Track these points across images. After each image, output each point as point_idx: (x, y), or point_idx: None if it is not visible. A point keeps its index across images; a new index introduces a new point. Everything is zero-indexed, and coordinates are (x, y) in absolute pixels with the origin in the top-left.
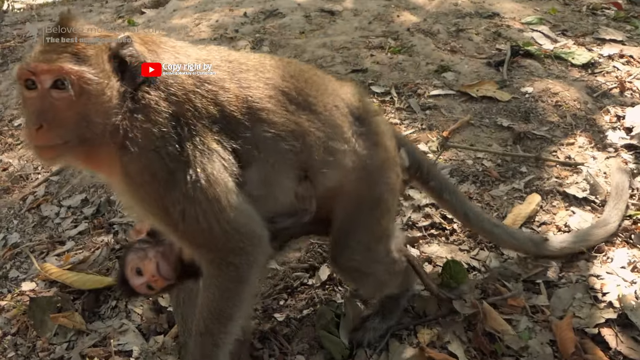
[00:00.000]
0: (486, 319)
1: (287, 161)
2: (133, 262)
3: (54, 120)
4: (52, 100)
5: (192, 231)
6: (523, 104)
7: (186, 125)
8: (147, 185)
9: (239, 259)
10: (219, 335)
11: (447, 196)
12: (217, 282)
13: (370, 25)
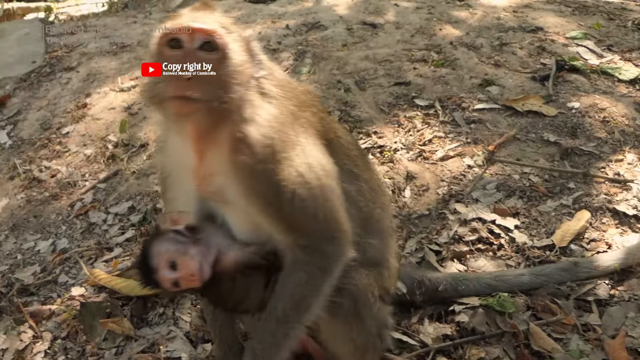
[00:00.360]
0: (534, 338)
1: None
2: (169, 254)
3: (203, 75)
4: (200, 59)
5: (297, 213)
6: (570, 119)
7: (299, 123)
8: (263, 162)
9: (331, 248)
10: (292, 324)
11: (462, 285)
12: (306, 268)
13: (412, 38)
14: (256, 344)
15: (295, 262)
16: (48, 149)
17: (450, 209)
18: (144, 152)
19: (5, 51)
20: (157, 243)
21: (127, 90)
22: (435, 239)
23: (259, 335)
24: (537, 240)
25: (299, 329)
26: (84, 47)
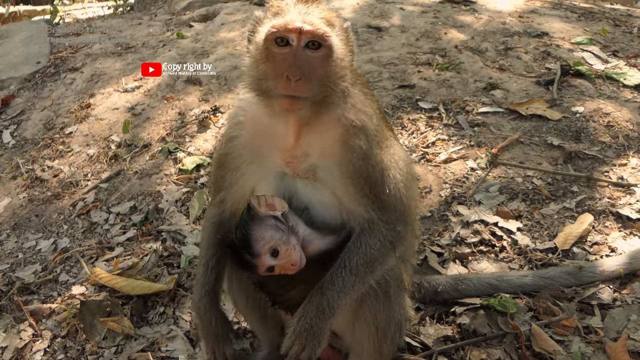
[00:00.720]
0: (535, 339)
1: None
2: (274, 241)
3: (310, 74)
4: (307, 57)
5: (385, 195)
6: (574, 123)
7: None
8: (372, 145)
9: (402, 229)
10: (360, 278)
11: (462, 284)
12: (381, 237)
13: (417, 41)
14: (327, 286)
15: (372, 230)
16: (51, 148)
17: (452, 210)
18: (146, 153)
19: (11, 52)
20: (259, 227)
21: (130, 91)
22: (437, 241)
23: (329, 279)
24: (539, 243)
25: (362, 285)
26: (89, 48)
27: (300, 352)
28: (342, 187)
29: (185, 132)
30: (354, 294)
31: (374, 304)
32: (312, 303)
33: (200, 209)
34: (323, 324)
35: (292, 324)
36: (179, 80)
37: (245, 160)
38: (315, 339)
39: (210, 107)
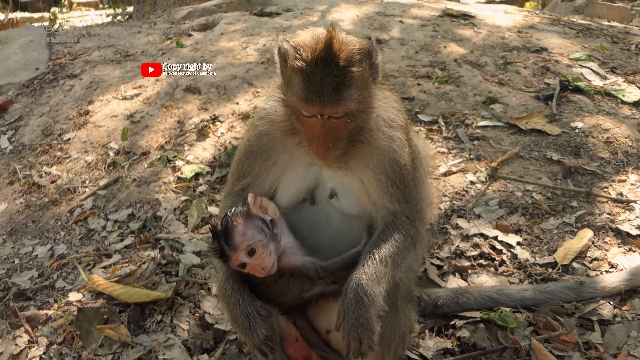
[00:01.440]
0: (535, 354)
1: None
2: (253, 241)
3: (336, 139)
4: (332, 125)
5: (410, 189)
6: (573, 138)
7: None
8: (394, 147)
9: (420, 226)
10: (389, 268)
11: (463, 298)
12: (404, 232)
13: (417, 54)
14: (359, 276)
15: (395, 225)
16: (49, 154)
17: (452, 224)
18: (145, 160)
19: (9, 57)
20: (246, 223)
21: (129, 99)
22: (436, 254)
23: (361, 270)
24: (539, 258)
25: (390, 277)
26: (88, 55)
27: (359, 346)
28: (372, 177)
29: (184, 141)
30: (384, 284)
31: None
32: (349, 297)
33: (198, 218)
34: (367, 313)
35: (339, 324)
36: (178, 89)
37: (278, 151)
38: (367, 329)
39: (210, 116)
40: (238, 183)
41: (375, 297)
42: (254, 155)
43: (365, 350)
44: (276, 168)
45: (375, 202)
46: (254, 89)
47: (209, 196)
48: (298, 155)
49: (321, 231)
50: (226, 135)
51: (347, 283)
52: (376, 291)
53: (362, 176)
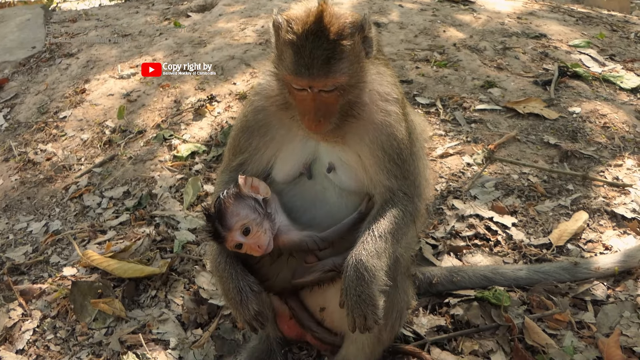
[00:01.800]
0: (528, 332)
1: None
2: (247, 220)
3: (328, 113)
4: (323, 99)
5: (407, 165)
6: (570, 123)
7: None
8: (396, 120)
9: (419, 203)
10: (388, 244)
11: (457, 276)
12: (402, 208)
13: (416, 38)
14: (359, 252)
15: (394, 201)
16: (44, 132)
17: (448, 204)
18: (141, 139)
19: (6, 36)
20: (238, 204)
21: (126, 78)
22: (432, 233)
23: (360, 247)
24: (534, 239)
25: (390, 253)
26: (85, 34)
27: (364, 321)
28: (369, 152)
29: (180, 120)
30: (385, 259)
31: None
32: (350, 274)
33: (194, 196)
34: (369, 289)
35: (343, 300)
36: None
37: (275, 126)
38: (370, 304)
39: (207, 95)
40: (235, 158)
41: (376, 272)
42: (251, 130)
43: (371, 325)
44: (273, 143)
45: (373, 178)
46: (251, 70)
47: (205, 175)
48: (295, 129)
49: (318, 206)
50: (223, 115)
51: (346, 260)
52: (377, 266)
53: (359, 151)
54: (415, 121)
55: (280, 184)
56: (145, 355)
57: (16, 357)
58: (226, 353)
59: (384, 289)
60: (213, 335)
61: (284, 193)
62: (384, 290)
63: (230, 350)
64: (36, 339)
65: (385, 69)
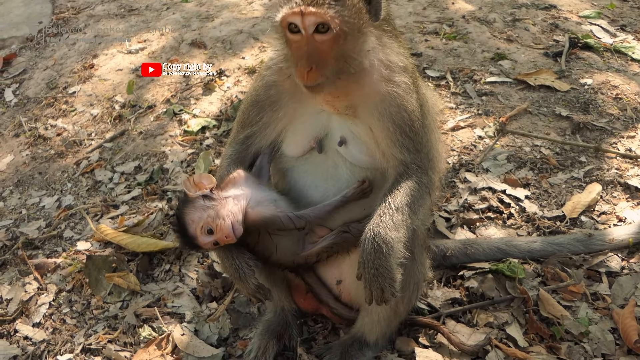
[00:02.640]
0: (543, 304)
1: None
2: (204, 222)
3: (320, 61)
4: (316, 44)
5: (420, 137)
6: (582, 94)
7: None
8: (406, 91)
9: (433, 175)
10: (406, 216)
11: (472, 249)
12: (416, 179)
13: (424, 11)
14: (376, 224)
15: (408, 174)
16: (54, 107)
17: (460, 177)
18: (151, 114)
19: (12, 11)
20: (189, 211)
21: (134, 53)
22: (444, 207)
23: (377, 219)
24: (547, 211)
25: (408, 225)
26: (91, 9)
27: (381, 294)
28: (380, 124)
29: (190, 95)
30: (402, 231)
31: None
32: (367, 247)
33: (206, 170)
34: (387, 262)
35: (360, 273)
36: (183, 43)
37: (286, 101)
38: (388, 277)
39: (216, 70)
40: (243, 131)
41: (394, 244)
42: (261, 105)
43: (388, 298)
44: (285, 118)
45: (385, 152)
46: (259, 44)
47: (216, 149)
48: (306, 103)
49: (329, 183)
50: (232, 90)
51: (364, 233)
52: (395, 239)
53: (370, 124)
54: (427, 94)
55: (290, 158)
56: (161, 328)
57: (33, 331)
58: (241, 326)
59: (402, 262)
60: (228, 309)
61: (295, 169)
62: (401, 263)
63: (245, 323)
64: (52, 312)
65: (392, 40)
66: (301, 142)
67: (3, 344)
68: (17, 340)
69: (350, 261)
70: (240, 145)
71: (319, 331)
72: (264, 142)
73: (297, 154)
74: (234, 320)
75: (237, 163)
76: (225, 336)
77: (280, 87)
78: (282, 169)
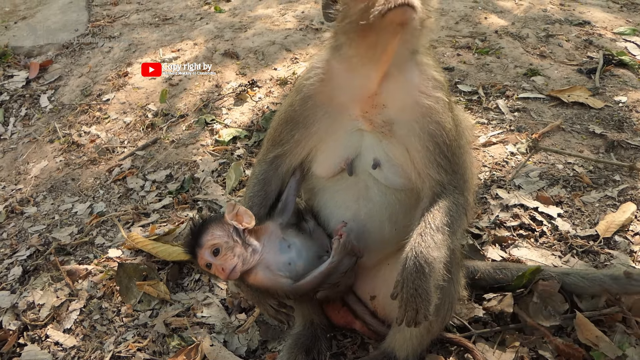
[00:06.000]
0: (581, 330)
1: None
2: (218, 241)
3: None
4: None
5: (457, 158)
6: (616, 112)
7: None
8: (448, 108)
9: (469, 197)
10: (443, 236)
11: (501, 274)
12: (454, 200)
13: (456, 25)
14: (418, 243)
15: (445, 194)
16: (88, 114)
17: (491, 194)
18: (183, 123)
19: (49, 18)
20: (216, 226)
21: (168, 62)
22: (475, 223)
23: (418, 240)
24: (580, 230)
25: (447, 245)
26: (126, 18)
27: (415, 316)
28: (417, 144)
29: (222, 105)
30: (443, 251)
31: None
32: (409, 266)
33: (236, 180)
34: (426, 283)
35: (397, 292)
36: (216, 53)
37: (320, 117)
38: (425, 299)
39: (248, 80)
40: (273, 150)
41: (435, 265)
42: (295, 121)
43: (421, 320)
44: (317, 135)
45: (421, 173)
46: (292, 55)
47: (247, 160)
48: (340, 120)
49: (361, 204)
50: (264, 100)
51: (405, 252)
52: (437, 259)
53: (406, 143)
54: (460, 115)
55: (320, 178)
56: (190, 338)
57: (64, 336)
58: (270, 338)
59: (441, 284)
60: (257, 321)
61: (325, 189)
62: (439, 285)
63: (274, 336)
64: (83, 318)
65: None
66: (332, 162)
67: (34, 349)
68: (48, 346)
69: (383, 277)
70: (269, 165)
71: (348, 346)
72: (294, 162)
73: (327, 174)
74: (263, 333)
75: (265, 183)
76: (254, 348)
77: (316, 101)
78: (312, 188)
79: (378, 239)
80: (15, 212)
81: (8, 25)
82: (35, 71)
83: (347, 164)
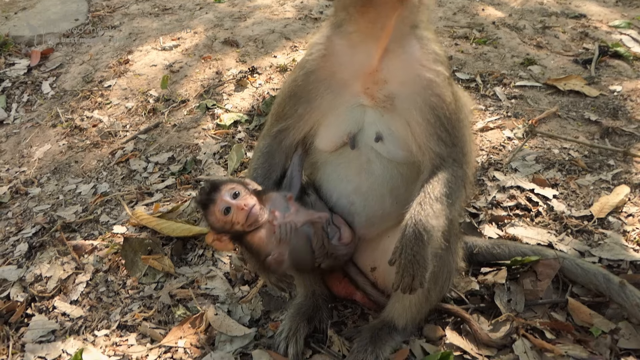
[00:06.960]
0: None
1: None
2: (237, 187)
3: None
4: None
5: (456, 131)
6: (611, 101)
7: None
8: (447, 82)
9: (468, 170)
10: (444, 206)
11: (499, 249)
12: (454, 172)
13: (454, 16)
14: (417, 212)
15: (444, 166)
16: (90, 100)
17: (488, 176)
18: (184, 108)
19: (49, 8)
20: (230, 181)
21: (168, 50)
22: (473, 203)
23: (418, 208)
24: (575, 210)
25: (446, 215)
26: (126, 8)
27: (411, 282)
28: (418, 118)
29: (222, 90)
30: (442, 220)
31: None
32: (408, 233)
33: (238, 162)
34: (424, 250)
35: (395, 258)
36: (216, 42)
37: (323, 92)
38: (422, 266)
39: (248, 67)
40: (277, 124)
41: (434, 233)
42: (298, 96)
43: (416, 287)
44: (319, 109)
45: (422, 145)
46: (291, 43)
47: (248, 142)
48: (342, 95)
49: (363, 177)
50: (264, 87)
51: (405, 220)
52: (435, 227)
53: (407, 117)
54: (459, 92)
55: (323, 152)
56: (195, 308)
57: (70, 307)
58: (273, 308)
59: (438, 252)
60: (260, 292)
61: (328, 163)
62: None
63: (277, 306)
64: (89, 291)
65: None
66: (334, 136)
67: (42, 319)
68: (56, 316)
69: (383, 249)
70: (273, 139)
71: (348, 316)
72: (298, 136)
73: (329, 148)
74: (265, 303)
75: (269, 156)
76: (257, 317)
77: (319, 75)
78: (314, 162)
79: (379, 212)
80: (20, 192)
81: (8, 16)
82: (37, 59)
83: (349, 137)
